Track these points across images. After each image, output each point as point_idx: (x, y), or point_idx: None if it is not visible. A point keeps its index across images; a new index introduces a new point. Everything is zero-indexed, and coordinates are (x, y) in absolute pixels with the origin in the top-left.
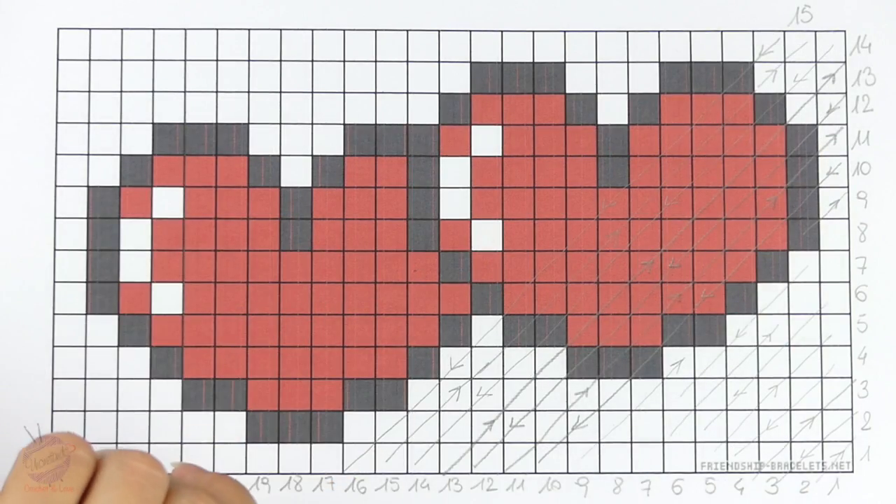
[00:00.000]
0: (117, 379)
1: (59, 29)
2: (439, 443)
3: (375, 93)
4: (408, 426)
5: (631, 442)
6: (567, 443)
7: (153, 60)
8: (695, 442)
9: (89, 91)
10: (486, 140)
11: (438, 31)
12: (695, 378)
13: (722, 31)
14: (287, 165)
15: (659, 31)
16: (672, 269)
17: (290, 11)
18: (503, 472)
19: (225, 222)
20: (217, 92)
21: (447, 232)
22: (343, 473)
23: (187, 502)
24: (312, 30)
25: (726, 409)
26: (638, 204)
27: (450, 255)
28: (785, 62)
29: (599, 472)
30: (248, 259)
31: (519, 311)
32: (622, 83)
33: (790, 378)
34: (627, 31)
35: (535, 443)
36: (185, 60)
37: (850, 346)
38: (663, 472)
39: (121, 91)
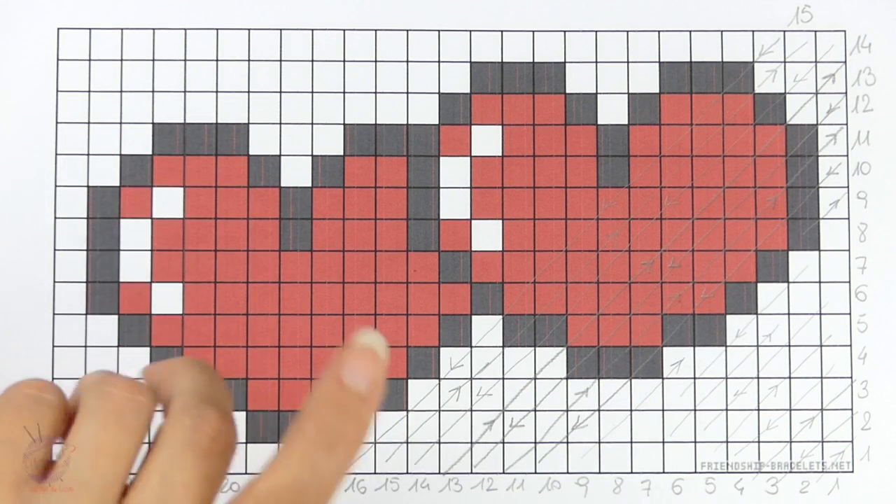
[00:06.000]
0: None
1: (59, 29)
2: (439, 443)
3: (375, 93)
4: (408, 426)
5: (631, 442)
6: (567, 443)
7: (153, 60)
8: (695, 442)
9: (89, 91)
10: (486, 140)
11: (438, 31)
12: (695, 378)
13: (722, 31)
14: (287, 165)
15: (659, 31)
16: (672, 269)
17: (290, 11)
18: (503, 472)
19: (225, 222)
20: (217, 92)
21: (447, 232)
22: None
23: (191, 421)
24: (312, 30)
25: (726, 409)
26: (638, 204)
27: (450, 255)
28: (785, 62)
29: (599, 472)
30: (248, 259)
31: (519, 311)
32: (622, 83)
33: (790, 378)
34: (627, 31)
35: (535, 443)
36: (185, 60)
37: (850, 346)
38: (663, 472)
39: (121, 91)
